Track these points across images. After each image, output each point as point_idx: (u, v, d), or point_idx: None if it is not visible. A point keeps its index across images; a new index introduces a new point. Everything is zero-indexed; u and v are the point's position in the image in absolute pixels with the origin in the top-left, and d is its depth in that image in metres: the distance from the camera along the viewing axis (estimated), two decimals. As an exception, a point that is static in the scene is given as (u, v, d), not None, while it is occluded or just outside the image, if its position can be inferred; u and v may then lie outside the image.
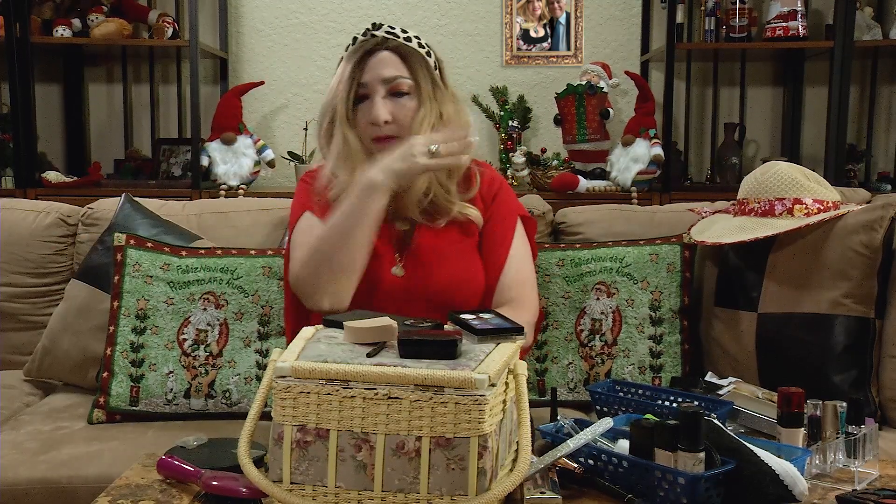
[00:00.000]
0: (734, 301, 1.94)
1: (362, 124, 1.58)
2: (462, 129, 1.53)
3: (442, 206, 1.61)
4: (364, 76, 1.57)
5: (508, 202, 1.70)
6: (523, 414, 1.08)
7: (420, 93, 1.58)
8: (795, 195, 1.87)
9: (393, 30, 1.60)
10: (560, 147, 3.44)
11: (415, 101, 1.58)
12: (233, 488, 1.14)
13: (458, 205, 1.62)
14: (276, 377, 1.04)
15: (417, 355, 1.06)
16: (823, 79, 3.48)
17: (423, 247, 1.61)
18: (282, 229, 2.21)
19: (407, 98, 1.58)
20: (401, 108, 1.57)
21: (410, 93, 1.58)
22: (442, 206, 1.61)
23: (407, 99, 1.58)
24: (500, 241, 1.65)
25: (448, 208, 1.61)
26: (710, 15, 3.31)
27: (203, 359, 1.89)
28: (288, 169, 3.52)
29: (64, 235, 2.27)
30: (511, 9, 3.55)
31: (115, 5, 3.35)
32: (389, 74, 1.57)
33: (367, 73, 1.57)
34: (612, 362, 1.99)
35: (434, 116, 1.58)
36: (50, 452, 1.71)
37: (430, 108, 1.58)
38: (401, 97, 1.57)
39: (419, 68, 1.59)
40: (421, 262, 1.60)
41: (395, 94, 1.57)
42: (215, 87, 3.56)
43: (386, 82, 1.57)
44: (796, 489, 1.12)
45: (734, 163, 3.44)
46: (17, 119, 3.16)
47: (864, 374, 1.83)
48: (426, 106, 1.58)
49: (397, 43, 1.59)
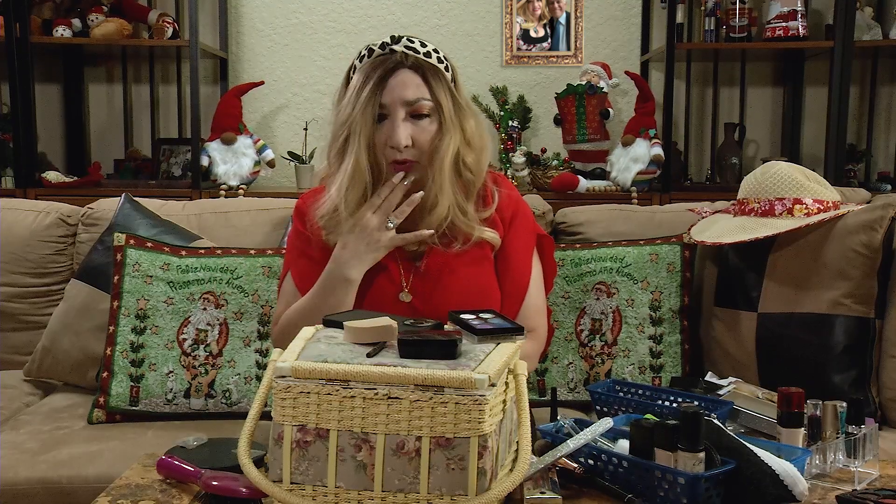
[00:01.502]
0: (734, 301, 1.94)
1: (379, 144, 1.51)
2: (394, 184, 1.50)
3: (460, 231, 1.56)
4: (384, 97, 1.50)
5: (526, 224, 1.65)
6: (523, 414, 1.08)
7: (442, 114, 1.52)
8: (795, 195, 1.87)
9: (412, 44, 1.53)
10: (560, 147, 3.44)
11: (435, 125, 1.52)
12: (233, 488, 1.14)
13: (477, 229, 1.56)
14: (276, 377, 1.04)
15: (417, 355, 1.06)
16: (823, 79, 3.48)
17: (433, 271, 1.56)
18: (282, 229, 2.21)
19: (427, 121, 1.51)
20: (421, 132, 1.51)
21: (431, 115, 1.52)
22: (460, 230, 1.56)
23: (427, 122, 1.51)
24: (520, 269, 1.61)
25: (467, 234, 1.55)
26: (710, 15, 3.31)
27: (203, 359, 1.89)
28: (288, 169, 3.52)
29: (64, 235, 2.28)
30: (511, 9, 3.55)
31: (115, 5, 3.35)
32: (412, 97, 1.49)
33: (388, 95, 1.50)
34: (612, 362, 1.99)
35: (458, 139, 1.53)
36: (50, 452, 1.71)
37: (454, 133, 1.53)
38: (421, 119, 1.51)
39: (440, 88, 1.52)
40: (430, 288, 1.55)
41: (416, 116, 1.51)
42: (215, 87, 3.56)
43: (407, 104, 1.50)
44: (796, 489, 1.12)
45: (734, 163, 3.44)
46: (17, 119, 3.16)
47: (864, 374, 1.83)
48: (450, 132, 1.52)
49: (417, 60, 1.52)
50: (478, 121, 1.60)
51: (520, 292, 1.60)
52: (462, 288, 1.55)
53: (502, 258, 1.61)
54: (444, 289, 1.55)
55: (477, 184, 1.59)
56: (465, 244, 1.56)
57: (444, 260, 1.56)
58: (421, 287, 1.56)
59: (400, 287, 1.56)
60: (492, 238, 1.59)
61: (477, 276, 1.57)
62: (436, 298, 1.54)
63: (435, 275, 1.56)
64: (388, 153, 1.51)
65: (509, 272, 1.60)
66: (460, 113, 1.56)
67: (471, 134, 1.56)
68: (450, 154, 1.52)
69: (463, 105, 1.57)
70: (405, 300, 1.55)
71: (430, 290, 1.55)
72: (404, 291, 1.56)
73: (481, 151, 1.59)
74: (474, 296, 1.54)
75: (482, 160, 1.59)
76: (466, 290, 1.55)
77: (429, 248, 1.57)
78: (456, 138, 1.53)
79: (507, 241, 1.61)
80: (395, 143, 1.49)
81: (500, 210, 1.62)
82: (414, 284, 1.56)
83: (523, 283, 1.60)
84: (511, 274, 1.60)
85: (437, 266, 1.56)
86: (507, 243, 1.61)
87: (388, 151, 1.51)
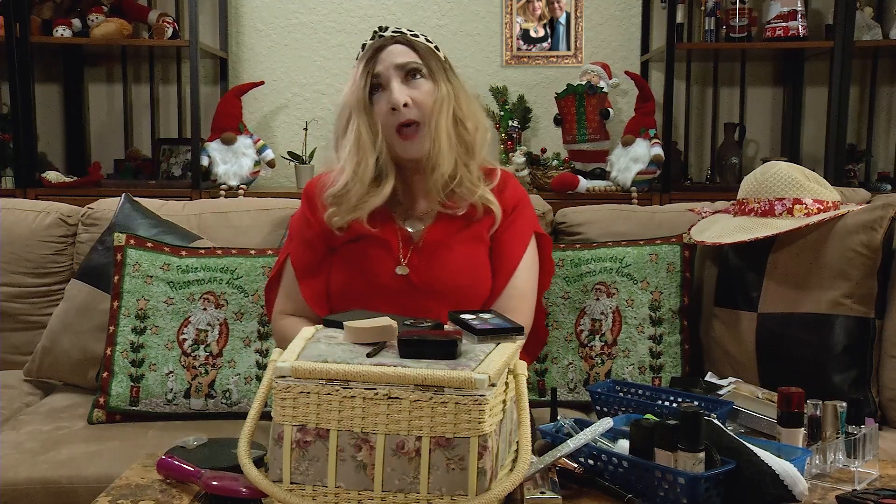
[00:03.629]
0: (734, 301, 1.94)
1: (383, 115, 1.56)
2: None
3: (465, 191, 1.60)
4: (377, 67, 1.56)
5: (527, 217, 1.69)
6: (523, 414, 1.08)
7: (434, 76, 1.58)
8: (795, 195, 1.87)
9: (399, 29, 1.62)
10: (560, 147, 3.44)
11: (430, 83, 1.57)
12: (233, 488, 1.14)
13: (481, 188, 1.61)
14: (276, 377, 1.04)
15: (417, 355, 1.06)
16: (823, 79, 3.48)
17: (430, 247, 1.60)
18: (282, 229, 2.21)
19: (423, 80, 1.57)
20: (418, 91, 1.56)
21: (425, 76, 1.57)
22: (465, 190, 1.60)
23: (423, 80, 1.57)
24: (512, 252, 1.64)
25: (471, 191, 1.60)
26: (710, 15, 3.31)
27: (203, 359, 1.89)
28: (288, 169, 3.52)
29: (64, 235, 2.28)
30: (511, 9, 3.55)
31: (115, 5, 3.35)
32: (402, 60, 1.56)
33: (380, 64, 1.56)
34: (612, 362, 1.99)
35: (452, 98, 1.58)
36: (50, 452, 1.71)
37: (447, 90, 1.58)
38: (416, 78, 1.57)
39: (430, 57, 1.59)
40: (426, 262, 1.59)
41: (411, 75, 1.57)
42: (215, 87, 3.56)
43: (400, 68, 1.56)
44: (796, 489, 1.12)
45: (734, 163, 3.44)
46: (17, 119, 3.16)
47: (864, 374, 1.83)
48: (442, 88, 1.57)
49: (406, 38, 1.59)
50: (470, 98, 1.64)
51: (508, 271, 1.63)
52: (456, 264, 1.60)
53: (497, 241, 1.65)
54: (439, 264, 1.59)
55: (476, 146, 1.62)
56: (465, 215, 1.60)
57: (441, 238, 1.61)
58: (417, 261, 1.59)
59: (398, 261, 1.60)
60: (493, 205, 1.62)
61: (470, 253, 1.62)
62: (431, 272, 1.58)
63: (432, 250, 1.60)
64: (391, 120, 1.55)
65: (500, 253, 1.64)
66: (454, 80, 1.61)
67: (464, 101, 1.61)
68: (445, 110, 1.56)
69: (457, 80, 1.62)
70: (402, 273, 1.59)
71: (425, 264, 1.59)
72: (401, 265, 1.59)
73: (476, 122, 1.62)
74: (467, 273, 1.60)
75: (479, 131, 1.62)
76: (460, 267, 1.59)
77: (427, 227, 1.61)
78: (450, 97, 1.58)
79: (505, 226, 1.64)
80: (395, 103, 1.53)
81: (505, 198, 1.65)
82: (411, 259, 1.60)
83: (513, 264, 1.63)
84: (502, 255, 1.64)
85: (434, 242, 1.60)
86: (505, 228, 1.65)
87: (391, 117, 1.55)
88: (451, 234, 1.61)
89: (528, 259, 1.66)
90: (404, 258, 1.60)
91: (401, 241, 1.61)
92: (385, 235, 1.60)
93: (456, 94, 1.60)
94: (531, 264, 1.67)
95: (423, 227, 1.62)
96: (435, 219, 1.62)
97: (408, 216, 1.64)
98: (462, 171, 1.59)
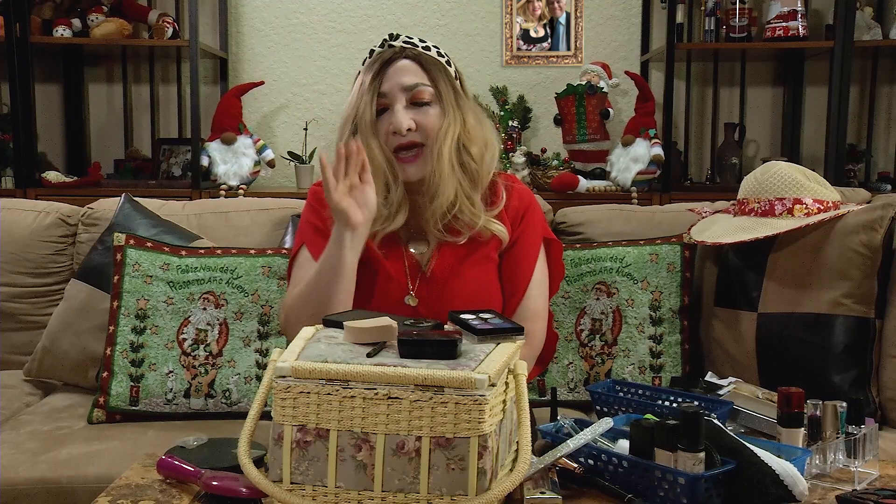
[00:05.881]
0: (734, 301, 1.94)
1: (384, 134, 1.53)
2: (341, 152, 1.43)
3: (466, 220, 1.55)
4: (384, 85, 1.52)
5: (536, 224, 1.63)
6: (523, 414, 1.08)
7: (442, 101, 1.53)
8: (795, 195, 1.87)
9: (411, 39, 1.56)
10: (560, 147, 3.44)
11: (437, 109, 1.53)
12: (233, 488, 1.14)
13: (483, 218, 1.56)
14: (276, 377, 1.03)
15: (417, 355, 1.06)
16: (823, 79, 3.48)
17: (439, 276, 1.56)
18: (282, 229, 2.21)
19: (429, 107, 1.53)
20: (424, 116, 1.52)
21: (432, 102, 1.53)
22: (466, 219, 1.55)
23: (429, 108, 1.53)
24: (523, 270, 1.59)
25: (473, 222, 1.55)
26: (710, 15, 3.31)
27: (203, 358, 1.89)
28: (288, 169, 3.52)
29: (64, 235, 2.27)
30: (511, 9, 3.55)
31: (115, 5, 3.35)
32: (410, 82, 1.52)
33: (387, 83, 1.52)
34: (612, 362, 1.99)
35: (459, 125, 1.54)
36: (50, 452, 1.71)
37: (455, 116, 1.54)
38: (422, 106, 1.53)
39: (440, 76, 1.54)
40: (436, 292, 1.55)
41: (417, 103, 1.52)
42: (215, 87, 3.56)
43: (406, 90, 1.52)
44: (796, 489, 1.12)
45: (734, 163, 3.44)
46: (17, 119, 3.16)
47: (864, 374, 1.83)
48: (450, 114, 1.53)
49: (416, 52, 1.54)
50: (481, 118, 1.60)
51: (519, 291, 1.59)
52: (466, 291, 1.55)
53: (508, 257, 1.61)
54: (450, 295, 1.54)
55: (482, 175, 1.58)
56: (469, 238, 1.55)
57: (449, 264, 1.56)
58: (426, 292, 1.56)
59: (406, 290, 1.56)
60: (499, 231, 1.58)
61: (480, 278, 1.57)
62: (441, 304, 1.53)
63: (440, 279, 1.56)
64: (391, 140, 1.52)
65: (512, 272, 1.60)
66: (462, 104, 1.57)
67: (472, 126, 1.56)
68: (449, 138, 1.52)
69: (465, 98, 1.58)
70: (411, 304, 1.55)
71: (435, 296, 1.55)
72: (410, 295, 1.56)
73: (485, 145, 1.58)
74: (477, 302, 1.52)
75: (486, 155, 1.58)
76: (469, 296, 1.54)
77: (435, 252, 1.57)
78: (457, 124, 1.54)
79: (514, 237, 1.60)
80: (397, 128, 1.51)
81: (511, 208, 1.62)
82: (419, 290, 1.56)
83: (523, 284, 1.60)
84: (513, 273, 1.60)
85: (442, 271, 1.56)
86: (515, 239, 1.60)
87: (392, 138, 1.52)
88: (459, 260, 1.57)
89: (539, 274, 1.61)
90: (412, 287, 1.56)
91: (408, 269, 1.57)
92: (392, 262, 1.56)
93: (464, 116, 1.55)
94: (542, 280, 1.62)
95: (429, 250, 1.58)
96: (441, 243, 1.58)
97: (412, 237, 1.59)
98: (463, 202, 1.54)
